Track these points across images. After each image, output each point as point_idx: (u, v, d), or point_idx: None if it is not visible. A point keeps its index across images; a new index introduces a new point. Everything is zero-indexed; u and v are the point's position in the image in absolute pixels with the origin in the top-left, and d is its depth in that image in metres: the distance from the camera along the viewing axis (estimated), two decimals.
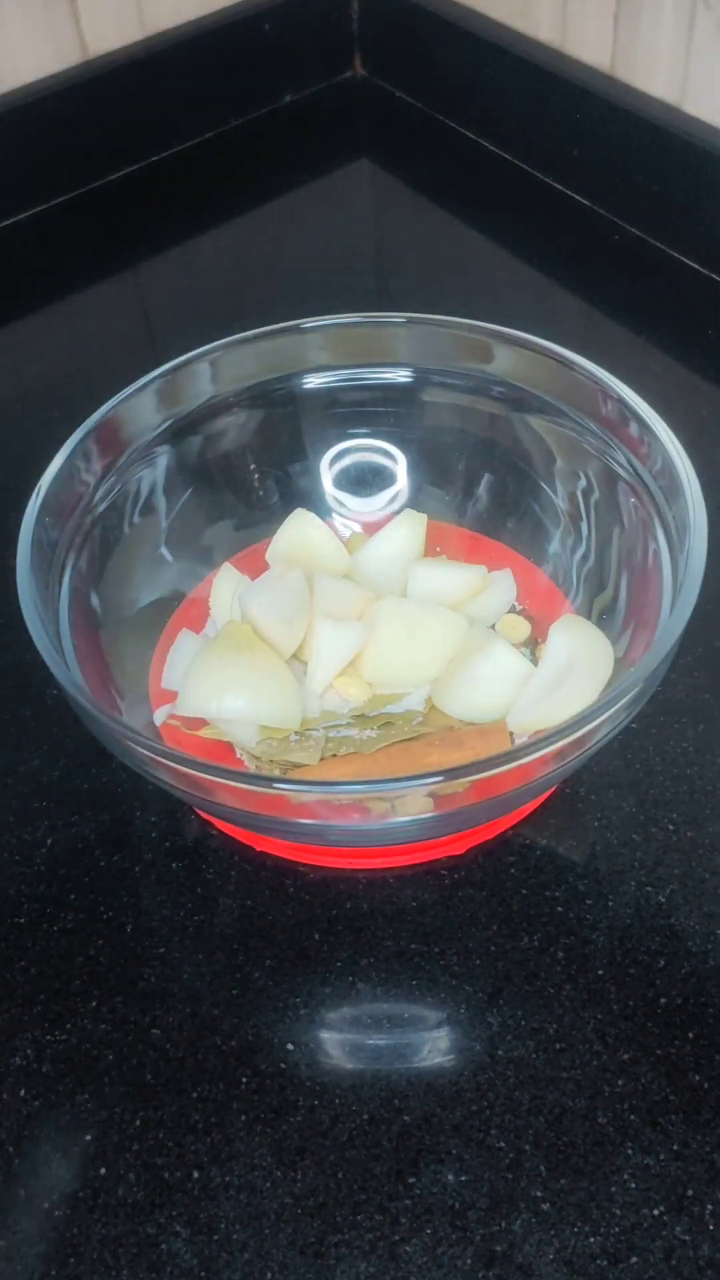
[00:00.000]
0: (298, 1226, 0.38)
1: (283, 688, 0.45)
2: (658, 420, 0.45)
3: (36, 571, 0.43)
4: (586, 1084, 0.40)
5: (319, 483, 0.55)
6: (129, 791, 0.49)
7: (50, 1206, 0.39)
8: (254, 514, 0.54)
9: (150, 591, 0.51)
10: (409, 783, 0.37)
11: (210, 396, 0.51)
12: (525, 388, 0.50)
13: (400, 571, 0.50)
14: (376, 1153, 0.39)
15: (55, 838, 0.48)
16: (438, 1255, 0.37)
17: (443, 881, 0.45)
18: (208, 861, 0.47)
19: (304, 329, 0.51)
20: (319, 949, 0.44)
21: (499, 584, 0.51)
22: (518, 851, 0.46)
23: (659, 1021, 0.42)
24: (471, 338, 0.50)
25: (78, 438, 0.47)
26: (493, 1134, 0.39)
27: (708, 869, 0.45)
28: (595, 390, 0.47)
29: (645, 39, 0.69)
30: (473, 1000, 0.42)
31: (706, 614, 0.42)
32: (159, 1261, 0.37)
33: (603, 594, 0.48)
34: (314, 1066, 0.41)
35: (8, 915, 0.46)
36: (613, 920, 0.44)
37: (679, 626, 0.39)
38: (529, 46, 0.75)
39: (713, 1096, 0.40)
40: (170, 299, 0.75)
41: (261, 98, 0.85)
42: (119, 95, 0.78)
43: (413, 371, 0.52)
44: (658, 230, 0.72)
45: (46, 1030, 0.42)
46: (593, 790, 0.48)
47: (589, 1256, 0.37)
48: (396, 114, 0.85)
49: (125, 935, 0.45)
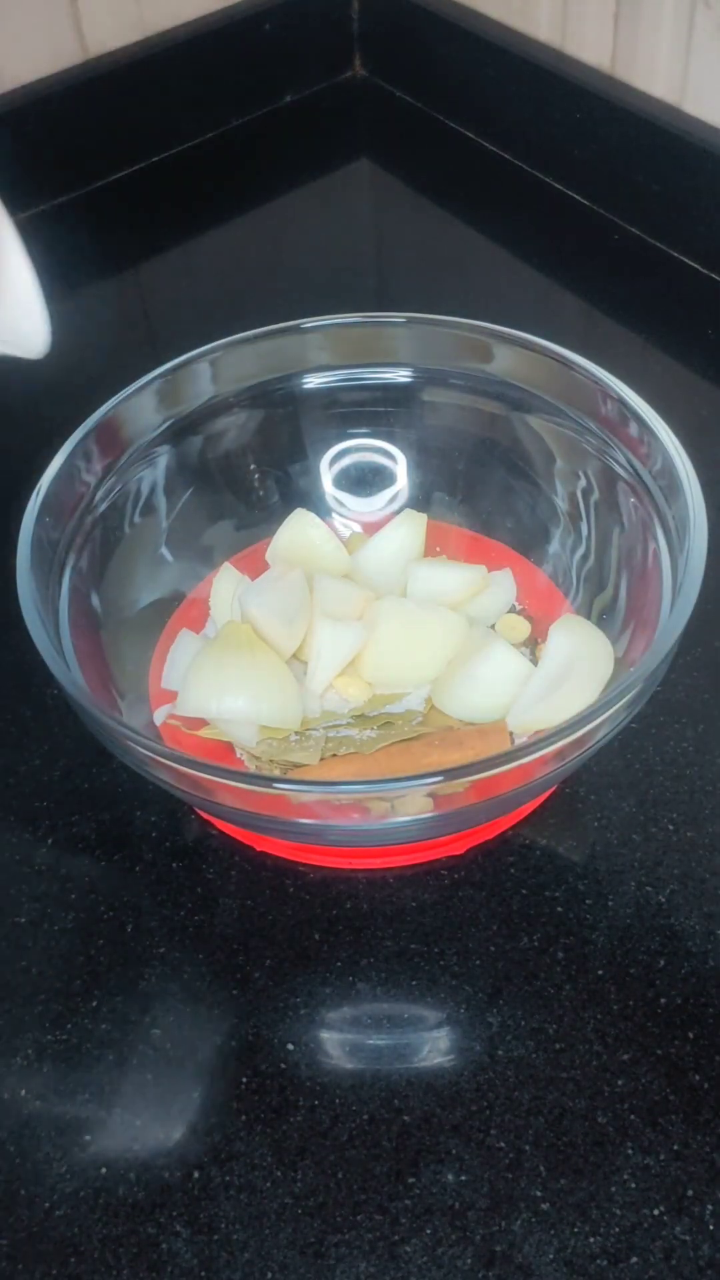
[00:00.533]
0: (298, 1226, 0.38)
1: (283, 688, 0.45)
2: (658, 420, 0.45)
3: (36, 571, 0.43)
4: (586, 1084, 0.40)
5: (319, 483, 0.55)
6: (129, 791, 0.49)
7: (51, 1206, 0.39)
8: (254, 514, 0.54)
9: (150, 591, 0.51)
10: (409, 783, 0.37)
11: (210, 396, 0.51)
12: (525, 388, 0.50)
13: (400, 571, 0.50)
14: (376, 1153, 0.39)
15: (55, 838, 0.48)
16: (438, 1255, 0.37)
17: (443, 881, 0.45)
18: (208, 861, 0.47)
19: (304, 329, 0.51)
20: (319, 949, 0.44)
21: (499, 584, 0.51)
22: (518, 851, 0.46)
23: (659, 1021, 0.42)
24: (471, 338, 0.50)
25: (78, 438, 0.47)
26: (493, 1134, 0.39)
27: (708, 869, 0.45)
28: (595, 390, 0.47)
29: (645, 39, 0.69)
30: (473, 1000, 0.42)
31: (706, 614, 0.42)
32: (159, 1261, 0.37)
33: (603, 594, 0.48)
34: (314, 1066, 0.41)
35: (8, 915, 0.46)
36: (613, 920, 0.44)
37: (679, 626, 0.39)
38: (529, 46, 0.75)
39: (713, 1096, 0.40)
40: (170, 299, 0.75)
41: (261, 98, 0.85)
42: (119, 95, 0.78)
43: (413, 371, 0.52)
44: (658, 230, 0.72)
45: (47, 1030, 0.42)
46: (593, 790, 0.48)
47: (589, 1256, 0.37)
48: (396, 114, 0.85)
49: (125, 935, 0.45)
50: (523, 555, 0.52)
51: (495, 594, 0.51)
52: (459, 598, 0.49)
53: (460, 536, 0.53)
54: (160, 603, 0.51)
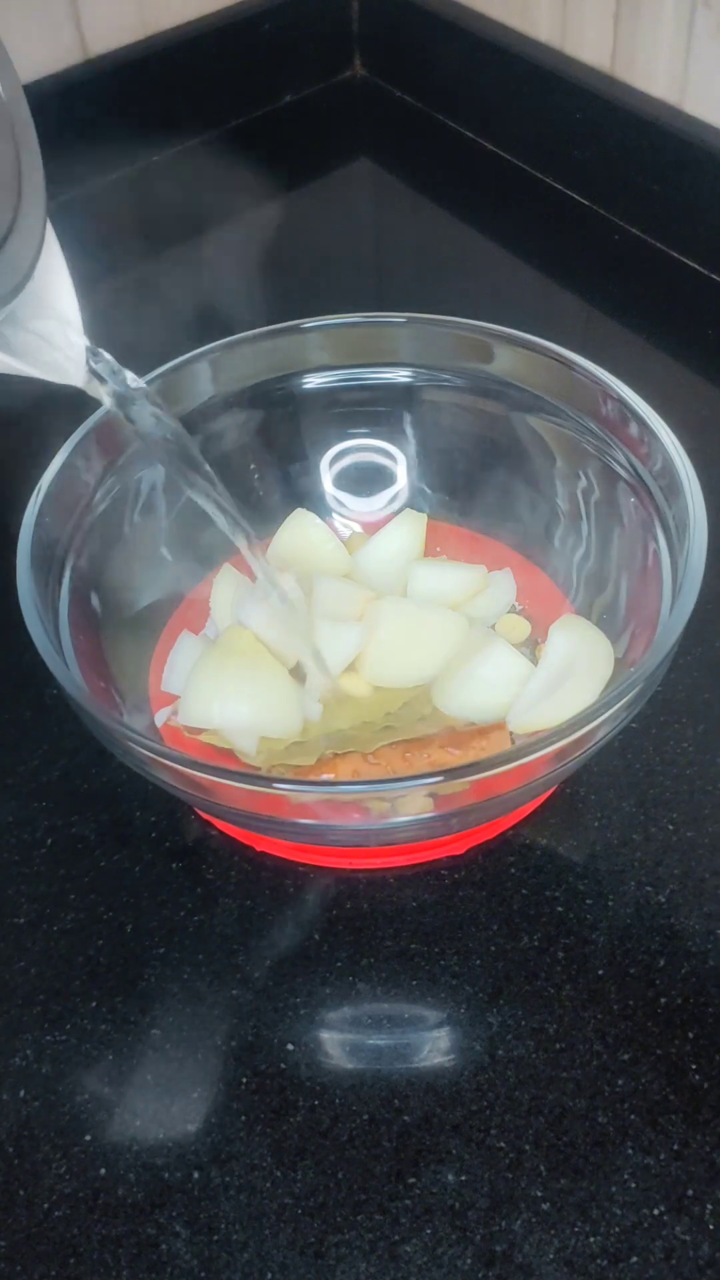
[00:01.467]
0: (298, 1226, 0.38)
1: (284, 697, 0.45)
2: (658, 420, 0.45)
3: (36, 571, 0.43)
4: (586, 1084, 0.40)
5: (319, 483, 0.55)
6: (129, 791, 0.49)
7: (50, 1206, 0.39)
8: (254, 514, 0.54)
9: (150, 592, 0.51)
10: (409, 783, 0.37)
11: (210, 396, 0.51)
12: (525, 388, 0.50)
13: (400, 571, 0.50)
14: (376, 1153, 0.39)
15: (55, 838, 0.48)
16: (438, 1255, 0.37)
17: (443, 881, 0.45)
18: (208, 861, 0.47)
19: (304, 329, 0.51)
20: (319, 949, 0.44)
21: (499, 584, 0.51)
22: (518, 851, 0.46)
23: (659, 1021, 0.42)
24: (471, 338, 0.50)
25: (78, 438, 0.47)
26: (493, 1134, 0.39)
27: (708, 869, 0.45)
28: (595, 390, 0.47)
29: (645, 39, 0.69)
30: (473, 1000, 0.42)
31: (706, 614, 0.42)
32: (159, 1261, 0.37)
33: (603, 594, 0.48)
34: (314, 1066, 0.41)
35: (8, 915, 0.46)
36: (613, 920, 0.44)
37: (679, 626, 0.39)
38: (529, 46, 0.75)
39: (713, 1096, 0.40)
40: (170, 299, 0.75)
41: (261, 98, 0.85)
42: (119, 95, 0.78)
43: (413, 371, 0.52)
44: (658, 230, 0.72)
45: (47, 1030, 0.42)
46: (593, 790, 0.48)
47: (589, 1256, 0.37)
48: (396, 114, 0.85)
49: (125, 935, 0.45)
50: (523, 555, 0.52)
51: (495, 594, 0.51)
52: (459, 598, 0.49)
53: (460, 536, 0.53)
54: (160, 603, 0.51)
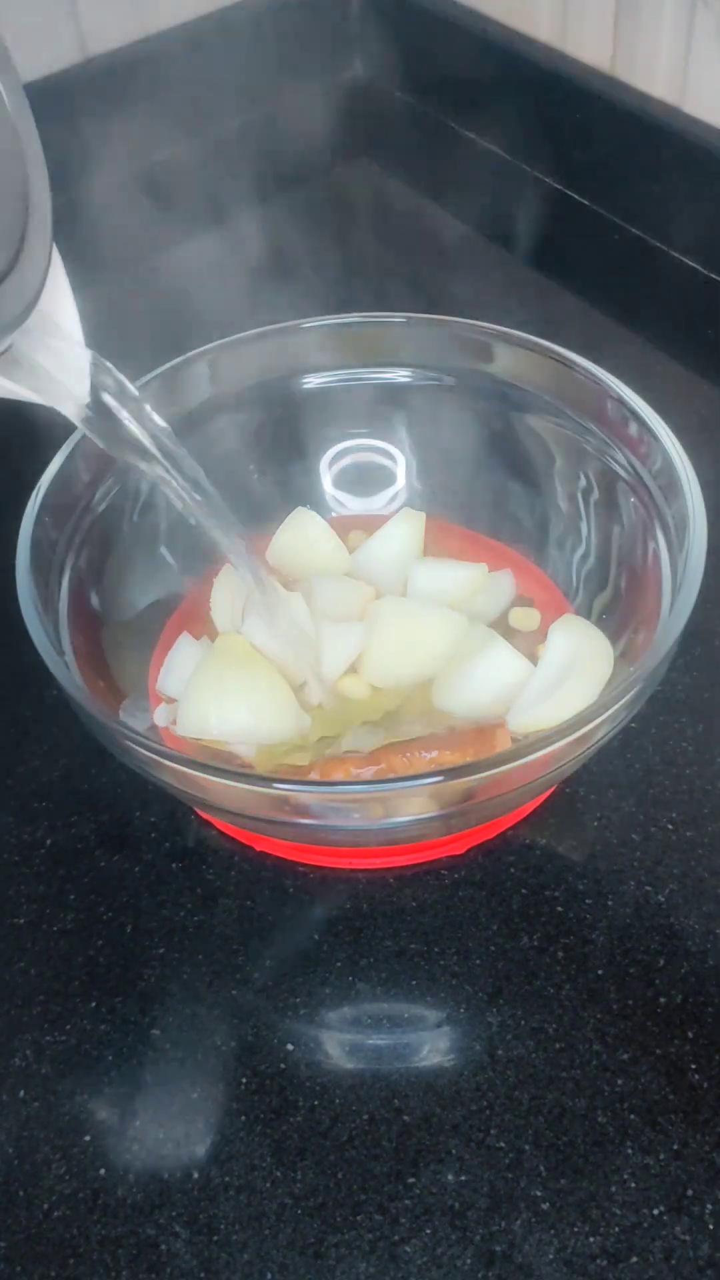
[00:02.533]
0: (298, 1226, 0.38)
1: (282, 706, 0.45)
2: (658, 420, 0.45)
3: (36, 571, 0.43)
4: (586, 1084, 0.40)
5: (319, 483, 0.55)
6: (129, 791, 0.49)
7: (50, 1207, 0.39)
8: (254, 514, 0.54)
9: (150, 592, 0.51)
10: (409, 783, 0.37)
11: (210, 396, 0.51)
12: (525, 388, 0.50)
13: (400, 571, 0.50)
14: (376, 1153, 0.39)
15: (55, 838, 0.48)
16: (438, 1255, 0.37)
17: (443, 881, 0.45)
18: (208, 861, 0.47)
19: (304, 329, 0.51)
20: (319, 949, 0.44)
21: (499, 584, 0.51)
22: (518, 851, 0.46)
23: (658, 1021, 0.41)
24: (471, 338, 0.50)
25: (78, 437, 0.47)
26: (493, 1134, 0.39)
27: (707, 869, 0.45)
28: (595, 390, 0.47)
29: (645, 39, 0.69)
30: (473, 1000, 0.42)
31: (706, 614, 0.42)
32: (159, 1262, 0.37)
33: (603, 594, 0.48)
34: (314, 1066, 0.41)
35: (8, 915, 0.46)
36: (612, 920, 0.44)
37: (679, 626, 0.39)
38: (529, 46, 0.75)
39: (712, 1096, 0.40)
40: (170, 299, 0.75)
41: (261, 98, 0.85)
42: (119, 95, 0.78)
43: (413, 371, 0.52)
44: (658, 230, 0.72)
45: (46, 1030, 0.42)
46: (593, 790, 0.48)
47: (589, 1256, 0.37)
48: (396, 114, 0.85)
49: (125, 935, 0.45)
50: (523, 555, 0.52)
51: (495, 594, 0.51)
52: (459, 597, 0.49)
53: (460, 536, 0.53)
54: (160, 603, 0.51)
